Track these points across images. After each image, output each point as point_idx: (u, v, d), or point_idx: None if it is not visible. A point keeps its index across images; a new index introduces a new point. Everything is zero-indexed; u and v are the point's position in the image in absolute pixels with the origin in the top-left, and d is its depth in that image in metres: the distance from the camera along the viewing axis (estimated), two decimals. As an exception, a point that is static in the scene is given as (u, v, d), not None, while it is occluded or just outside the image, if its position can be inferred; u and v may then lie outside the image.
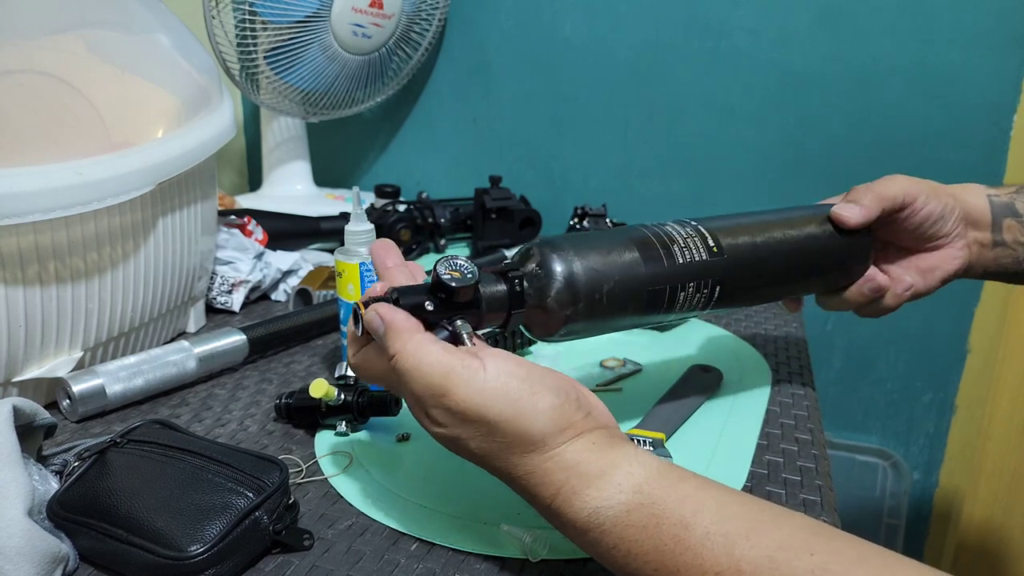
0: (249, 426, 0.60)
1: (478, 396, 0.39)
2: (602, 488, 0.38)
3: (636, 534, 0.37)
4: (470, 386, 0.39)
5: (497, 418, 0.39)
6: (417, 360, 0.40)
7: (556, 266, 0.46)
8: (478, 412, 0.39)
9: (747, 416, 0.62)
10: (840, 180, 1.13)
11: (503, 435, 0.39)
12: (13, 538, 0.39)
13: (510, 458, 0.40)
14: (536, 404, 0.39)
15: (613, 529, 0.37)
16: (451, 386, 0.39)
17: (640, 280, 0.48)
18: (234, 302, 0.84)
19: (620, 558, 0.38)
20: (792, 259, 0.56)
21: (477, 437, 0.40)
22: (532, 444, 0.39)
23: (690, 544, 0.36)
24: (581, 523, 0.38)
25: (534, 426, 0.39)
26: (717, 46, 1.13)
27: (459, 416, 0.39)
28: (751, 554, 0.34)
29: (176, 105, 0.69)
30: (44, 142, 0.57)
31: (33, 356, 0.59)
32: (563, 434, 0.40)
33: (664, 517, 0.37)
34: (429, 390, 0.39)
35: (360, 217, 0.63)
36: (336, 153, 1.38)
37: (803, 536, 0.35)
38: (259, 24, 1.04)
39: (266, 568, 0.43)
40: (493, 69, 1.26)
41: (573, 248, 0.47)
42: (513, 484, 0.41)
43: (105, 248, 0.62)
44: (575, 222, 1.17)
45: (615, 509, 0.38)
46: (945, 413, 1.17)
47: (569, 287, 0.46)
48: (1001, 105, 1.04)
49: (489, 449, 0.40)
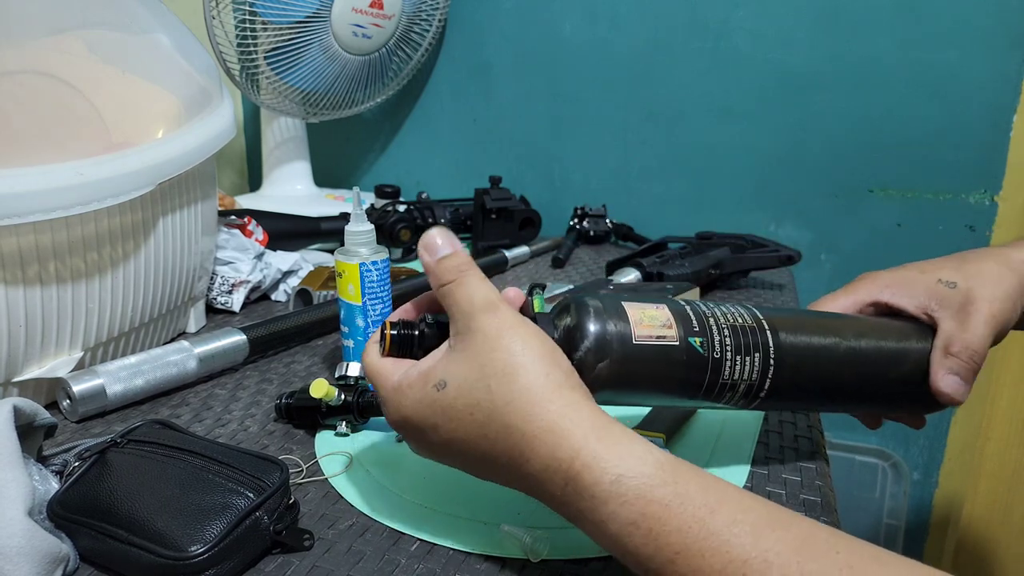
0: (249, 426, 0.60)
1: (497, 334, 0.40)
2: (624, 457, 0.36)
3: (660, 511, 0.35)
4: (489, 329, 0.40)
5: (520, 355, 0.39)
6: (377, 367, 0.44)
7: (590, 324, 0.43)
8: (505, 350, 0.39)
9: (747, 416, 0.62)
10: (840, 180, 1.13)
11: (525, 375, 0.38)
12: (13, 538, 0.38)
13: (530, 408, 0.38)
14: (557, 357, 0.40)
15: (636, 502, 0.35)
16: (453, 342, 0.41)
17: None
18: (234, 302, 0.84)
19: (639, 537, 0.35)
20: (863, 371, 0.49)
21: (498, 379, 0.39)
22: (550, 392, 0.38)
23: (715, 529, 0.34)
24: (601, 491, 0.36)
25: (554, 372, 0.39)
26: (717, 46, 1.13)
27: (471, 355, 0.40)
28: (778, 547, 0.33)
29: (176, 105, 0.69)
30: (44, 142, 0.57)
31: (33, 356, 0.58)
32: (576, 392, 0.39)
33: (688, 498, 0.35)
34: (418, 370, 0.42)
35: (360, 217, 0.62)
36: (336, 153, 1.38)
37: (824, 535, 0.34)
38: (259, 24, 1.04)
39: (266, 568, 0.43)
40: (493, 69, 1.26)
41: (608, 300, 0.45)
42: (526, 451, 0.38)
43: (105, 248, 0.62)
44: (575, 222, 1.18)
45: (639, 480, 0.36)
46: (945, 414, 1.17)
47: (599, 348, 0.43)
48: (1001, 105, 1.04)
49: (507, 396, 0.38)
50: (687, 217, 1.20)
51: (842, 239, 1.15)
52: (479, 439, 0.40)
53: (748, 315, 0.47)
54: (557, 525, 0.46)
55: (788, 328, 0.47)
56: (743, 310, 0.47)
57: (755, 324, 0.46)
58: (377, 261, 0.62)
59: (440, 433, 0.41)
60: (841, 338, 0.49)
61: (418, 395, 0.41)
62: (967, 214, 1.09)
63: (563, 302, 0.46)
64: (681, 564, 0.34)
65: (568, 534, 0.45)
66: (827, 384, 0.49)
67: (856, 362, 0.49)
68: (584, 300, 0.45)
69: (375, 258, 0.62)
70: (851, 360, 0.49)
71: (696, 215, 1.19)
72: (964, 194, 1.08)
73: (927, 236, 1.11)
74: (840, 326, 0.50)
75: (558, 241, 1.13)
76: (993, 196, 1.07)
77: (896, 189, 1.11)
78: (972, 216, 1.09)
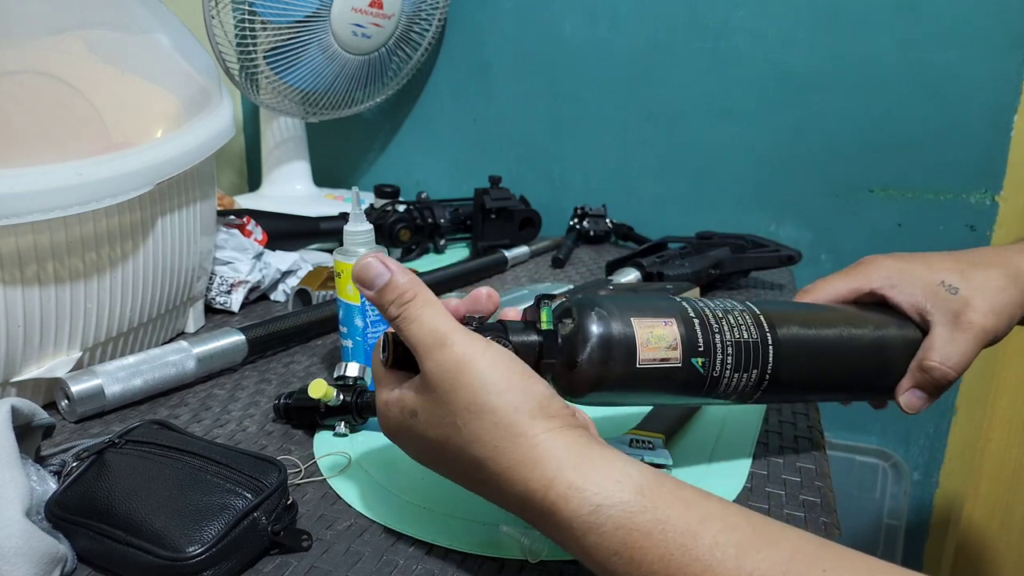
0: (248, 426, 0.60)
1: (469, 369, 0.38)
2: (602, 485, 0.36)
3: (640, 540, 0.34)
4: (461, 361, 0.39)
5: (481, 392, 0.37)
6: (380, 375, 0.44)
7: (592, 326, 0.43)
8: (465, 388, 0.38)
9: (747, 416, 0.62)
10: (840, 180, 1.13)
11: (491, 411, 0.37)
12: (11, 539, 0.38)
13: (499, 443, 0.37)
14: (529, 384, 0.38)
15: (616, 532, 0.35)
16: (435, 355, 0.39)
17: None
18: (233, 302, 0.84)
19: (621, 566, 0.35)
20: (857, 349, 0.51)
21: (463, 416, 0.38)
22: (519, 425, 0.37)
23: (698, 555, 0.33)
24: (580, 523, 0.35)
25: (525, 403, 0.37)
26: (717, 46, 1.13)
27: (445, 387, 0.38)
28: (763, 566, 0.32)
29: (176, 105, 0.69)
30: (44, 142, 0.57)
31: (32, 356, 0.58)
32: (551, 421, 0.38)
33: (670, 523, 0.34)
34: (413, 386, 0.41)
35: (359, 217, 0.62)
36: (336, 153, 1.38)
37: (811, 549, 0.33)
38: (259, 24, 1.04)
39: (264, 569, 0.43)
40: (493, 69, 1.26)
41: (617, 311, 0.44)
42: (502, 483, 0.38)
43: (104, 248, 0.62)
44: (575, 222, 1.17)
45: (618, 509, 0.35)
46: (945, 414, 1.17)
47: (603, 349, 0.43)
48: (1001, 105, 1.04)
49: (475, 433, 0.38)
50: (687, 217, 1.20)
51: (842, 239, 1.15)
52: (456, 465, 0.41)
53: (755, 328, 0.47)
54: (556, 526, 0.46)
55: (790, 346, 0.48)
56: (751, 321, 0.47)
57: (759, 337, 0.47)
58: (376, 261, 0.62)
59: (421, 455, 0.43)
60: (837, 355, 0.50)
61: (396, 417, 0.42)
62: (967, 214, 1.09)
63: (568, 304, 0.45)
64: None
65: (567, 535, 0.45)
66: (811, 389, 0.51)
67: (845, 374, 0.51)
68: (591, 314, 0.44)
69: (374, 258, 0.62)
70: (841, 372, 0.51)
71: (696, 215, 1.19)
72: (965, 194, 1.08)
73: (927, 236, 1.11)
74: (839, 343, 0.50)
75: (558, 241, 1.13)
76: (994, 196, 1.07)
77: (896, 189, 1.11)
78: (973, 216, 1.08)
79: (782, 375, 0.48)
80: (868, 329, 0.51)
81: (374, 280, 0.42)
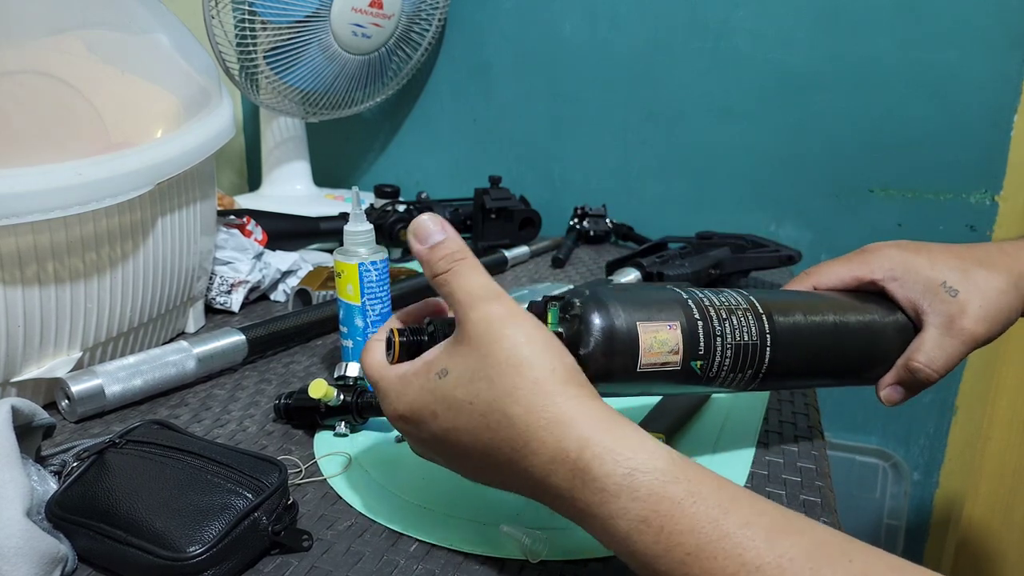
0: (248, 426, 0.60)
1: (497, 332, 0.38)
2: (636, 451, 0.35)
3: (672, 509, 0.33)
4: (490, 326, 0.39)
5: (524, 346, 0.37)
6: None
7: (595, 319, 0.44)
8: (508, 339, 0.38)
9: (747, 416, 0.62)
10: (840, 180, 1.13)
11: (530, 367, 0.37)
12: (12, 538, 0.38)
13: (533, 399, 0.37)
14: (564, 352, 0.39)
15: (648, 498, 0.34)
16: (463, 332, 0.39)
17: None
18: (233, 302, 0.84)
19: (649, 535, 0.34)
20: (850, 345, 0.52)
21: (501, 368, 0.37)
22: (554, 385, 0.37)
23: (729, 530, 0.32)
24: (613, 484, 0.34)
25: (560, 368, 0.38)
26: (717, 46, 1.13)
27: (473, 346, 0.38)
28: (792, 552, 0.32)
29: (176, 105, 0.69)
30: (44, 142, 0.57)
31: (32, 356, 0.58)
32: (581, 389, 0.38)
33: (701, 497, 0.33)
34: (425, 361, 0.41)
35: (359, 217, 0.62)
36: (336, 153, 1.38)
37: (837, 542, 0.33)
38: (259, 24, 1.04)
39: (265, 569, 0.43)
40: (493, 69, 1.26)
41: (618, 303, 0.45)
42: (531, 442, 0.37)
43: (104, 248, 0.62)
44: (575, 222, 1.17)
45: (652, 476, 0.34)
46: (945, 414, 1.17)
47: (606, 356, 0.43)
48: (1001, 105, 1.04)
49: (510, 388, 0.37)
50: (687, 217, 1.20)
51: (842, 239, 1.15)
52: (480, 429, 0.38)
53: (755, 329, 0.47)
54: (556, 526, 0.46)
55: (786, 344, 0.49)
56: (752, 321, 0.48)
57: (759, 339, 0.48)
58: (376, 261, 0.62)
59: (440, 422, 0.40)
60: (831, 353, 0.51)
61: (421, 382, 0.41)
62: (967, 214, 1.09)
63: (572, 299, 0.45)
64: (692, 566, 0.33)
65: (567, 535, 0.45)
66: (802, 379, 0.52)
67: (837, 368, 0.52)
68: (596, 314, 0.44)
69: (374, 258, 0.62)
70: (832, 366, 0.52)
71: (696, 215, 1.19)
72: (965, 194, 1.08)
73: (928, 236, 1.11)
74: (834, 342, 0.51)
75: (558, 241, 1.13)
76: (994, 196, 1.07)
77: (896, 189, 1.11)
78: (973, 216, 1.08)
79: (776, 371, 0.49)
80: (863, 325, 0.52)
81: (430, 235, 0.42)
